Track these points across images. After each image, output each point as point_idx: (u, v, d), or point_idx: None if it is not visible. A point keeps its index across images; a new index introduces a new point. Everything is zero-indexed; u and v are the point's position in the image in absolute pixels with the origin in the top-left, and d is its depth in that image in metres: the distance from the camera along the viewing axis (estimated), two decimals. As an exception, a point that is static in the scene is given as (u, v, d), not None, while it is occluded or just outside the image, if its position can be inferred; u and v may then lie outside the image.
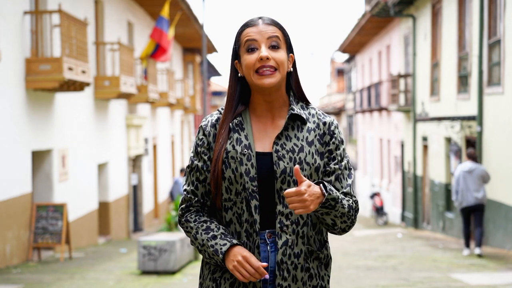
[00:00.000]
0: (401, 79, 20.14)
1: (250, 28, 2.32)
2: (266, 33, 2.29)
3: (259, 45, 2.29)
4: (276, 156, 2.28)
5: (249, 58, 2.29)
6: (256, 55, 2.28)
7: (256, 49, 2.29)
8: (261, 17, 2.36)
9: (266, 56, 2.26)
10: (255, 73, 2.28)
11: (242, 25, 2.35)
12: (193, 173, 2.37)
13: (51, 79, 10.90)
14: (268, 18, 2.35)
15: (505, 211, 11.55)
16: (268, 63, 2.27)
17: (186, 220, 2.36)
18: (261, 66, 2.27)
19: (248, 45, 2.30)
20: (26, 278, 9.24)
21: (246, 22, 2.35)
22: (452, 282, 8.26)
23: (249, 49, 2.30)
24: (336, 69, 42.34)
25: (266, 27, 2.31)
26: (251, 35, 2.30)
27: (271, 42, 2.29)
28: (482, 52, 12.58)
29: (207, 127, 2.37)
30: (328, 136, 2.35)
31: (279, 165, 2.27)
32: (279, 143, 2.30)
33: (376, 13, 20.12)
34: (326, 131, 2.36)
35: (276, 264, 2.27)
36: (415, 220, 19.20)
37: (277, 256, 2.26)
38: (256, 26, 2.31)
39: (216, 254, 2.26)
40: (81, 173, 13.90)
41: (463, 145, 14.47)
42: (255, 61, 2.27)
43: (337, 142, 2.36)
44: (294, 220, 2.28)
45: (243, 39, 2.32)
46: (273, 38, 2.29)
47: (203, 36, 18.70)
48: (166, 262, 9.61)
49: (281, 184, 2.27)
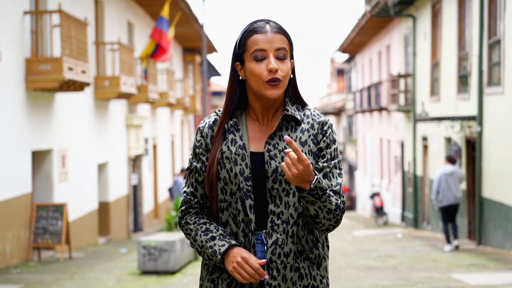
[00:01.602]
0: (401, 79, 20.14)
1: (259, 35, 2.30)
2: (275, 44, 2.29)
3: (267, 55, 2.29)
4: (268, 156, 2.29)
5: (258, 67, 2.29)
6: (264, 65, 2.28)
7: (264, 58, 2.29)
8: (269, 21, 2.34)
9: (275, 69, 2.27)
10: (265, 82, 2.29)
11: (250, 30, 2.32)
12: (192, 174, 2.39)
13: (51, 79, 10.90)
14: (275, 24, 2.33)
15: (505, 211, 11.56)
16: (276, 75, 2.28)
17: (186, 222, 2.38)
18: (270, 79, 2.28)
19: (256, 54, 2.30)
20: (26, 278, 9.24)
21: (254, 27, 2.32)
22: (452, 282, 8.26)
23: (257, 58, 2.30)
24: (336, 69, 42.35)
25: (275, 36, 2.30)
26: (260, 45, 2.29)
27: (279, 53, 2.29)
28: (482, 52, 12.58)
29: (204, 128, 2.39)
30: (320, 135, 2.36)
31: (270, 164, 2.29)
32: (272, 143, 2.31)
33: (376, 13, 20.13)
34: (320, 130, 2.36)
35: (266, 263, 2.28)
36: (415, 220, 19.20)
37: (267, 255, 2.27)
38: (265, 34, 2.29)
39: (214, 255, 2.27)
40: (81, 173, 13.90)
41: (463, 145, 14.47)
42: (265, 71, 2.28)
43: (328, 141, 2.36)
44: (285, 220, 2.28)
45: (251, 45, 2.30)
46: (281, 50, 2.29)
47: (203, 36, 18.70)
48: (166, 262, 9.62)
49: (273, 183, 2.28)
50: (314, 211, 2.24)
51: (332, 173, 2.33)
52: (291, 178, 2.16)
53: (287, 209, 2.28)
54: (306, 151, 2.32)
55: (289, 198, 2.28)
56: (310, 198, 2.21)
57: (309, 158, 2.32)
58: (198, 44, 25.50)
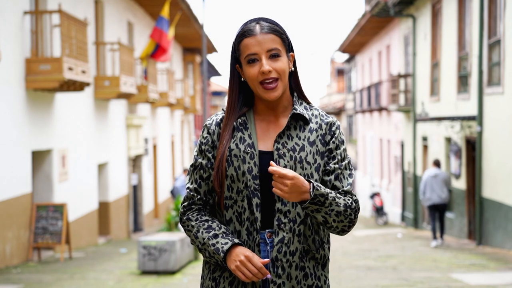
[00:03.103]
0: (401, 79, 20.14)
1: (249, 39, 2.30)
2: (265, 45, 2.29)
3: (259, 57, 2.29)
4: (276, 154, 2.30)
5: (252, 70, 2.30)
6: (257, 67, 2.29)
7: (257, 60, 2.30)
8: (259, 22, 2.33)
9: (268, 70, 2.28)
10: (260, 85, 2.30)
11: (240, 34, 2.32)
12: (196, 171, 2.38)
13: (51, 79, 10.90)
14: (266, 24, 2.32)
15: (505, 211, 11.56)
16: (270, 75, 2.28)
17: (188, 218, 2.37)
18: (263, 80, 2.29)
19: (248, 58, 2.31)
20: (26, 278, 9.24)
21: (244, 30, 2.32)
22: (452, 282, 8.26)
23: (250, 61, 2.31)
24: (336, 69, 42.34)
25: (265, 36, 2.29)
26: (251, 49, 2.29)
27: (271, 53, 2.30)
28: (482, 52, 12.58)
29: (211, 125, 2.39)
30: (328, 136, 2.36)
31: (279, 163, 2.29)
32: (281, 141, 2.32)
33: (376, 13, 20.13)
34: (328, 131, 2.37)
35: (271, 261, 2.27)
36: (415, 220, 19.20)
37: (272, 253, 2.27)
38: (254, 37, 2.29)
39: (217, 253, 2.26)
40: (81, 173, 13.90)
41: (463, 145, 14.47)
42: (258, 74, 2.29)
43: (338, 142, 2.36)
44: (291, 218, 2.28)
45: (244, 50, 2.31)
46: (273, 50, 2.30)
47: (203, 36, 18.70)
48: (166, 262, 9.61)
49: None
50: (322, 217, 2.24)
51: (343, 174, 2.34)
52: (286, 196, 2.16)
53: (295, 208, 2.28)
54: (314, 151, 2.32)
55: None
56: (313, 207, 2.21)
57: (317, 158, 2.32)
58: (198, 44, 25.50)
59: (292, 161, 2.29)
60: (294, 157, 2.29)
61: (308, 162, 2.30)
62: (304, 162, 2.30)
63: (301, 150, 2.31)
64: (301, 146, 2.32)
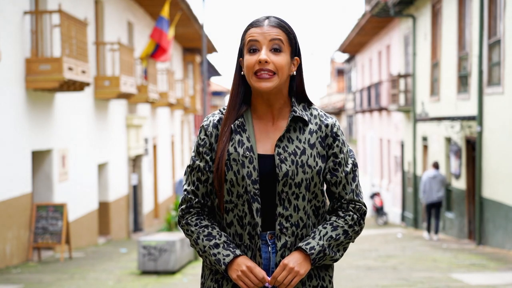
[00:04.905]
0: (401, 79, 20.14)
1: (255, 28, 2.29)
2: (269, 35, 2.26)
3: (260, 46, 2.26)
4: (278, 159, 2.27)
5: (250, 59, 2.27)
6: (256, 57, 2.26)
7: (258, 50, 2.27)
8: (269, 17, 2.32)
9: (265, 60, 2.24)
10: (254, 75, 2.26)
11: (249, 24, 2.32)
12: (194, 173, 2.35)
13: (51, 79, 10.90)
14: (275, 19, 2.31)
15: (505, 211, 11.56)
16: (266, 66, 2.25)
17: (187, 223, 2.34)
18: (259, 69, 2.25)
19: (250, 45, 2.28)
20: (26, 278, 9.24)
21: (253, 21, 2.32)
22: (452, 282, 8.26)
23: (251, 50, 2.27)
24: (336, 69, 42.33)
25: (271, 29, 2.27)
26: (254, 36, 2.27)
27: (273, 44, 2.26)
28: (482, 52, 12.58)
29: (208, 127, 2.35)
30: (330, 138, 2.34)
31: (281, 168, 2.26)
32: (281, 145, 2.28)
33: (376, 13, 20.13)
34: (329, 133, 2.34)
35: (275, 266, 2.27)
36: (415, 220, 19.20)
37: (276, 258, 2.27)
38: (260, 27, 2.28)
39: (218, 264, 2.25)
40: (81, 173, 13.89)
41: (463, 145, 14.48)
42: (254, 63, 2.25)
43: (340, 145, 2.34)
44: (294, 223, 2.27)
45: (247, 38, 2.29)
46: (276, 41, 2.26)
47: (203, 36, 18.69)
48: (166, 262, 9.61)
49: (283, 186, 2.26)
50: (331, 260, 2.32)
51: (347, 180, 2.35)
52: (300, 277, 2.24)
53: (297, 212, 2.27)
54: (315, 153, 2.30)
55: (298, 202, 2.27)
56: (319, 263, 2.28)
57: (318, 161, 2.30)
58: (198, 44, 25.49)
59: (294, 165, 2.26)
60: (295, 161, 2.27)
61: (310, 166, 2.28)
62: (305, 166, 2.27)
63: (302, 153, 2.28)
64: (302, 149, 2.29)
